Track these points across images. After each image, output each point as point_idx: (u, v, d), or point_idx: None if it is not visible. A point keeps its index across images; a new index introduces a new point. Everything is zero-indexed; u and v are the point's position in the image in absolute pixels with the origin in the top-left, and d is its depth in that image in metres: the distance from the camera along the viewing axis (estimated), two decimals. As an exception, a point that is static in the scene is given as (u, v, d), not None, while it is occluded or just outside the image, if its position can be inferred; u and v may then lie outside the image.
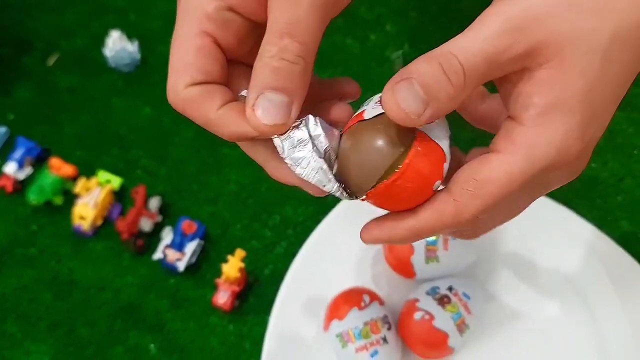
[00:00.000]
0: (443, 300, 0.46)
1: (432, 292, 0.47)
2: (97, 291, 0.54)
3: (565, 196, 0.54)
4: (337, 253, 0.52)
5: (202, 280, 0.54)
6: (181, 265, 0.53)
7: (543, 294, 0.51)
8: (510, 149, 0.27)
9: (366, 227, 0.30)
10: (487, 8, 0.27)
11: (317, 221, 0.54)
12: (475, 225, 0.29)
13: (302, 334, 0.50)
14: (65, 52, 0.64)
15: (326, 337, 0.48)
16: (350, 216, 0.53)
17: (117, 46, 0.61)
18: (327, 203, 0.56)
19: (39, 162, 0.59)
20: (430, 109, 0.26)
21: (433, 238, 0.48)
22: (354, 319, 0.46)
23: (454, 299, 0.46)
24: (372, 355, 0.45)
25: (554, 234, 0.51)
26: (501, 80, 0.28)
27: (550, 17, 0.26)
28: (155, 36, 0.64)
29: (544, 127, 0.26)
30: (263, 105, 0.27)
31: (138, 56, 0.62)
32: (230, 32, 0.29)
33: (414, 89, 0.26)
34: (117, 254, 0.55)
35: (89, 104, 0.62)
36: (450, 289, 0.47)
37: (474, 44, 0.26)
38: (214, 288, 0.53)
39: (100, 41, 0.64)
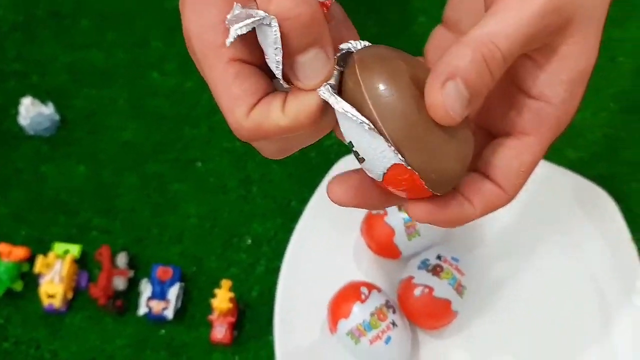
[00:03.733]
0: (436, 270, 0.48)
1: (424, 265, 0.48)
2: (90, 365, 0.52)
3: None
4: (318, 256, 0.53)
5: (193, 321, 0.53)
6: (169, 314, 0.51)
7: (521, 238, 0.53)
8: (541, 131, 0.28)
9: (420, 206, 0.28)
10: None
11: (288, 231, 0.54)
12: None
13: (310, 344, 0.50)
14: (-27, 131, 0.60)
15: (335, 339, 0.48)
16: (319, 220, 0.54)
17: (32, 112, 0.58)
18: (292, 211, 0.56)
19: (-17, 252, 0.55)
20: (471, 106, 0.26)
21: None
22: (359, 313, 0.47)
23: (445, 265, 0.48)
24: (386, 342, 0.46)
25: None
26: (521, 58, 0.27)
27: None
28: (66, 91, 0.61)
29: (569, 102, 0.28)
30: (305, 69, 0.26)
31: (56, 117, 0.59)
32: (250, 47, 0.27)
33: (459, 90, 0.25)
34: (98, 322, 0.53)
35: (17, 178, 0.59)
36: (438, 257, 0.49)
37: (515, 28, 0.25)
38: (209, 326, 0.52)
39: (8, 111, 0.60)
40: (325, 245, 0.53)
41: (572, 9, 0.26)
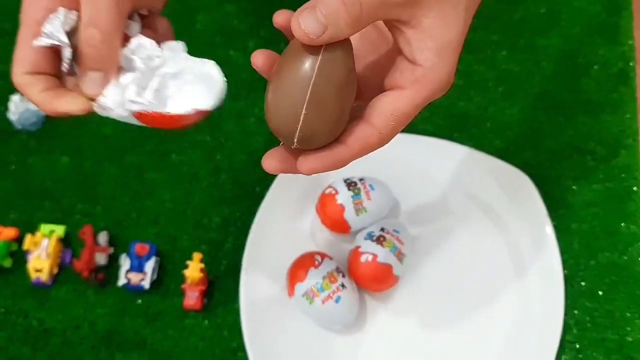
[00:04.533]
0: (379, 240, 0.55)
1: (369, 236, 0.56)
2: (74, 330, 0.58)
3: (447, 132, 0.65)
4: (279, 233, 0.60)
5: (168, 291, 0.59)
6: (146, 284, 0.58)
7: (453, 215, 0.61)
8: (416, 87, 0.35)
9: (305, 159, 0.36)
10: None
11: (253, 213, 0.61)
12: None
13: (271, 308, 0.57)
14: (-34, 127, 0.66)
15: (293, 302, 0.55)
16: (280, 201, 0.61)
17: (21, 108, 0.65)
18: (256, 196, 0.63)
19: (-24, 234, 0.61)
20: (329, 31, 0.32)
21: (359, 194, 0.57)
22: (313, 277, 0.54)
23: (387, 236, 0.55)
24: (336, 301, 0.53)
25: (448, 164, 0.62)
26: (395, 29, 0.35)
27: None
28: (52, 92, 0.68)
29: (439, 66, 0.34)
30: (87, 83, 0.37)
31: (42, 113, 0.66)
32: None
33: (316, 15, 0.32)
34: (81, 294, 0.59)
35: (6, 168, 0.65)
36: (382, 229, 0.56)
37: None
38: (182, 294, 0.58)
39: (-3, 108, 0.67)
40: (285, 224, 0.60)
41: None
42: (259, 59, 0.38)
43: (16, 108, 0.65)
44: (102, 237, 0.60)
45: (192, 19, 0.72)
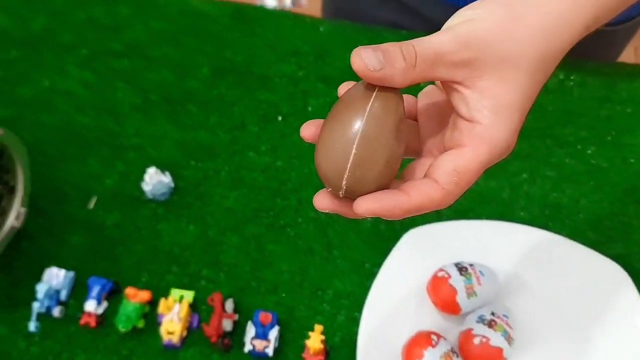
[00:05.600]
0: (491, 324, 0.60)
1: (480, 320, 0.61)
2: (203, 391, 0.63)
3: (542, 221, 0.70)
4: (391, 309, 0.65)
5: (288, 359, 0.64)
6: (270, 351, 0.63)
7: (551, 301, 0.66)
8: (475, 143, 0.35)
9: (364, 199, 0.35)
10: (446, 25, 0.37)
11: (364, 288, 0.66)
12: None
13: (386, 380, 0.62)
14: (100, 193, 0.73)
15: (409, 377, 0.60)
16: (391, 279, 0.66)
17: (154, 180, 0.71)
18: (366, 272, 0.68)
19: (112, 295, 0.67)
20: (385, 70, 0.34)
21: (470, 279, 0.62)
22: (431, 356, 0.59)
23: (497, 320, 0.60)
24: (453, 380, 0.58)
25: (543, 253, 0.67)
26: (451, 90, 0.36)
27: (488, 40, 0.35)
28: (177, 164, 0.74)
29: (498, 125, 0.35)
30: None
31: (172, 184, 0.72)
32: None
33: (375, 53, 0.34)
34: (207, 357, 0.64)
35: (137, 234, 0.71)
36: (492, 314, 0.61)
37: (429, 42, 0.35)
38: (302, 363, 0.63)
39: (128, 177, 0.73)
40: (396, 301, 0.65)
41: (481, 50, 0.35)
42: (309, 130, 0.38)
43: (151, 179, 0.71)
44: (229, 305, 0.66)
45: (305, 101, 0.78)
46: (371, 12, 0.83)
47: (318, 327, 0.63)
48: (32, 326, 0.65)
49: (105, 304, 0.66)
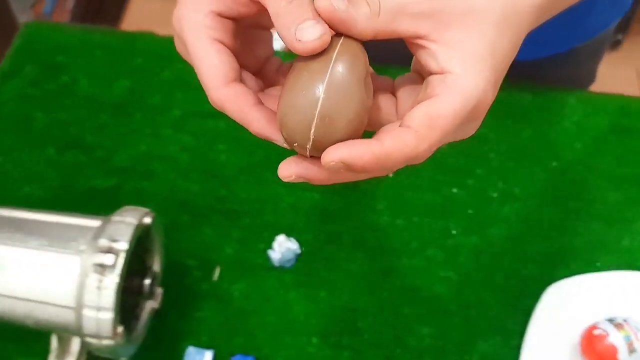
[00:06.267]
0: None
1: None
2: None
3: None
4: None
5: None
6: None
7: None
8: (447, 91, 0.34)
9: (334, 148, 0.33)
10: None
11: (510, 348, 0.65)
12: (428, 155, 0.35)
13: None
14: (222, 263, 0.70)
15: None
16: (540, 338, 0.65)
17: (283, 247, 0.69)
18: (508, 331, 0.67)
19: (254, 372, 0.64)
20: (349, 11, 0.33)
21: (629, 336, 0.62)
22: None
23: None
24: None
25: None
26: (417, 47, 0.35)
27: None
28: (296, 228, 0.72)
29: (470, 72, 0.34)
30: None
31: (299, 251, 0.70)
32: (231, 34, 0.37)
33: None
34: None
35: (268, 305, 0.68)
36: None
37: None
38: None
39: (247, 244, 0.71)
40: (548, 360, 0.65)
41: (442, 3, 0.34)
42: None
43: (280, 247, 0.69)
44: (382, 375, 0.64)
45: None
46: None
47: (479, 394, 0.62)
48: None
49: (250, 383, 0.63)
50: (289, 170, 0.35)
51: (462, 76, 0.34)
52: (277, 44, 0.42)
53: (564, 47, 0.80)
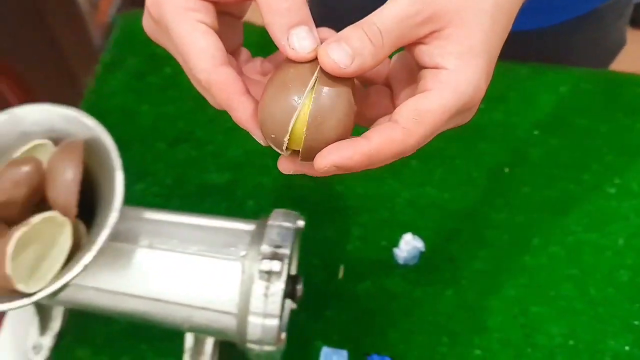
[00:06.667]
0: None
1: None
2: None
3: None
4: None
5: None
6: (574, 423, 0.61)
7: None
8: (440, 87, 0.34)
9: (325, 151, 0.33)
10: None
11: (636, 345, 0.65)
12: (418, 148, 0.35)
13: None
14: (345, 261, 0.70)
15: None
16: None
17: (410, 246, 0.68)
18: (638, 329, 0.67)
19: (390, 371, 0.64)
20: (356, 61, 0.33)
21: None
22: None
23: None
24: None
25: None
26: (416, 44, 0.35)
27: None
28: (415, 224, 0.71)
29: (463, 68, 0.34)
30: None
31: (423, 249, 0.69)
32: (211, 14, 0.36)
33: (342, 46, 0.33)
34: None
35: (395, 303, 0.68)
36: None
37: (389, 12, 0.33)
38: None
39: (367, 241, 0.70)
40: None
41: (441, 3, 0.34)
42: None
43: (406, 245, 0.68)
44: (519, 376, 0.63)
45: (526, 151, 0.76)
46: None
47: (622, 396, 0.62)
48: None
49: (386, 383, 0.63)
50: (287, 169, 0.37)
51: (456, 72, 0.34)
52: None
53: (583, 9, 0.75)
